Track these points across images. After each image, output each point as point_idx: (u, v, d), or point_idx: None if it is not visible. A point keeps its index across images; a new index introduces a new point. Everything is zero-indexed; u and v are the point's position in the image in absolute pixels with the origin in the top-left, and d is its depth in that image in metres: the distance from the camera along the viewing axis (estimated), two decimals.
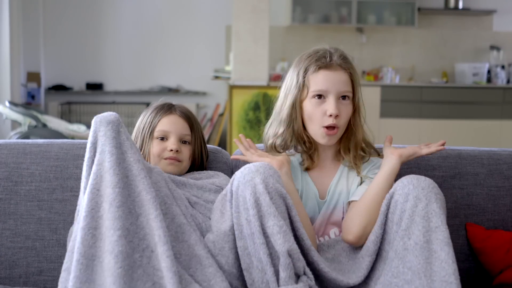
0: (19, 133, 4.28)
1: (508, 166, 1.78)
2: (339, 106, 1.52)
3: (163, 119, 1.66)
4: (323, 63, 1.54)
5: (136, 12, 6.32)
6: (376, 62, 6.60)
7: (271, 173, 1.36)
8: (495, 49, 6.60)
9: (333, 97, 1.52)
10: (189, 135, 1.67)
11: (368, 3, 6.38)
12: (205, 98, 6.43)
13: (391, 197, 1.39)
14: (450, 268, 1.26)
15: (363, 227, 1.44)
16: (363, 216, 1.45)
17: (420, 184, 1.36)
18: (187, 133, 1.66)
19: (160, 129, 1.64)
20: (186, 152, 1.65)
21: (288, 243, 1.29)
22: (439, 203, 1.33)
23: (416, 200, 1.34)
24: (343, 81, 1.53)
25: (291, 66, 1.62)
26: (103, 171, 1.34)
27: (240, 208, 1.35)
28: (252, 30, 5.07)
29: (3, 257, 1.65)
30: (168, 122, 1.65)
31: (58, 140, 1.78)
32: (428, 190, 1.34)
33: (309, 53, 1.58)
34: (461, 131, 6.06)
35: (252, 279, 1.33)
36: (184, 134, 1.66)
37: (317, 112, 1.54)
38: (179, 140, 1.65)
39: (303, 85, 1.55)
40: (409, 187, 1.36)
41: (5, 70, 5.26)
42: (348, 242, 1.47)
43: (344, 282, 1.38)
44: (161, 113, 1.67)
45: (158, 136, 1.64)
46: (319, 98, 1.53)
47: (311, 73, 1.54)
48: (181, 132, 1.65)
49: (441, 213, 1.32)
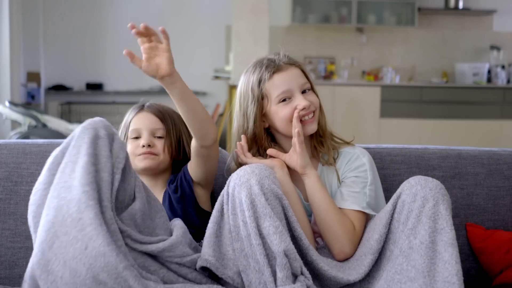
0: (19, 133, 4.28)
1: (508, 166, 1.78)
2: (306, 97, 1.55)
3: (134, 119, 1.68)
4: (274, 67, 1.55)
5: (136, 12, 6.32)
6: (376, 62, 6.60)
7: (266, 174, 1.36)
8: (495, 49, 6.60)
9: (298, 92, 1.54)
10: (161, 128, 1.66)
11: (368, 3, 6.39)
12: (205, 98, 6.43)
13: (398, 197, 1.39)
14: (453, 269, 1.27)
15: (347, 240, 1.45)
16: (337, 232, 1.45)
17: (428, 184, 1.36)
18: (158, 127, 1.66)
19: (132, 129, 1.66)
20: (160, 146, 1.65)
21: (285, 243, 1.29)
22: (445, 204, 1.34)
23: (423, 200, 1.34)
24: (298, 75, 1.56)
25: (237, 90, 1.63)
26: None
27: (236, 210, 1.35)
28: (252, 30, 5.07)
29: (3, 257, 1.65)
30: (138, 120, 1.67)
31: (58, 140, 1.77)
32: (436, 191, 1.35)
33: (253, 67, 1.59)
34: (461, 131, 6.06)
35: (249, 281, 1.33)
36: (156, 128, 1.66)
37: (288, 112, 1.54)
38: (152, 135, 1.66)
39: (262, 97, 1.56)
40: (416, 187, 1.37)
41: (5, 70, 5.27)
42: (347, 257, 1.47)
43: (344, 279, 1.38)
44: (132, 113, 1.69)
45: (132, 136, 1.66)
46: (285, 100, 1.54)
47: (267, 82, 1.55)
48: (152, 127, 1.66)
49: (447, 214, 1.33)
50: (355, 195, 1.50)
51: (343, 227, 1.45)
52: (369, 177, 1.53)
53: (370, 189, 1.52)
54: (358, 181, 1.52)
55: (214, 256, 1.36)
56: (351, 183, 1.52)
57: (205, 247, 1.38)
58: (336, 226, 1.45)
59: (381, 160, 1.72)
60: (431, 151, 1.79)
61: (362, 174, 1.53)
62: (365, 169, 1.53)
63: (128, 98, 6.33)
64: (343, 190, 1.52)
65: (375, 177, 1.55)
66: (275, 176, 1.39)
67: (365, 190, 1.51)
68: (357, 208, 1.48)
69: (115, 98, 6.35)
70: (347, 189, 1.52)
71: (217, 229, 1.40)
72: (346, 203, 1.50)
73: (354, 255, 1.46)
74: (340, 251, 1.45)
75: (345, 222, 1.46)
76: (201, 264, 1.36)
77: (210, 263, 1.35)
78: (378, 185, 1.56)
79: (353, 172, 1.54)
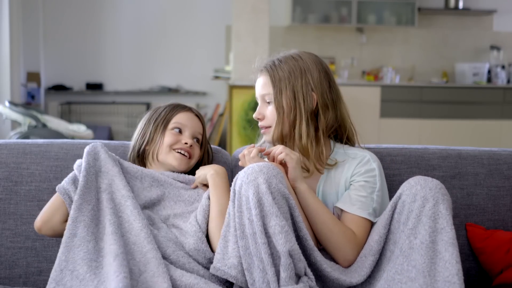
0: (19, 133, 4.28)
1: (508, 166, 1.78)
2: (263, 108, 1.60)
3: (180, 114, 1.67)
4: (257, 70, 1.64)
5: (136, 12, 6.32)
6: (376, 62, 6.60)
7: (274, 173, 1.36)
8: (495, 49, 6.60)
9: (259, 101, 1.61)
10: (201, 134, 1.69)
11: (368, 3, 6.38)
12: (205, 98, 6.43)
13: (399, 197, 1.39)
14: (453, 269, 1.27)
15: (349, 248, 1.45)
16: (338, 242, 1.45)
17: (428, 184, 1.36)
18: (201, 131, 1.69)
19: (176, 121, 1.65)
20: (197, 149, 1.66)
21: (290, 243, 1.30)
22: (446, 203, 1.34)
23: (423, 200, 1.34)
24: (261, 84, 1.60)
25: None
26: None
27: (242, 208, 1.35)
28: (252, 30, 5.07)
29: (3, 257, 1.65)
30: (185, 117, 1.67)
31: (58, 140, 1.78)
32: (436, 191, 1.35)
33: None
34: (461, 131, 6.06)
35: (253, 279, 1.33)
36: (198, 132, 1.68)
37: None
38: (193, 136, 1.66)
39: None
40: (416, 187, 1.37)
41: (5, 70, 5.26)
42: (351, 264, 1.47)
43: (347, 281, 1.39)
44: (178, 109, 1.68)
45: (174, 127, 1.64)
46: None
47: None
48: (196, 130, 1.67)
49: (447, 214, 1.33)
50: (362, 199, 1.50)
51: (344, 236, 1.45)
52: (377, 183, 1.53)
53: (377, 195, 1.52)
54: (367, 186, 1.52)
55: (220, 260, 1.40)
56: (360, 187, 1.52)
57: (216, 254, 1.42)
58: (335, 236, 1.46)
59: (381, 160, 1.72)
60: (431, 151, 1.79)
61: (371, 179, 1.53)
62: (375, 175, 1.54)
63: (128, 98, 6.33)
64: (352, 194, 1.52)
65: (383, 183, 1.56)
66: (282, 175, 1.39)
67: (372, 196, 1.51)
68: (364, 215, 1.48)
69: (115, 98, 6.35)
70: (356, 193, 1.52)
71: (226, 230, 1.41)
72: (353, 207, 1.50)
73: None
74: (344, 259, 1.46)
75: (345, 232, 1.46)
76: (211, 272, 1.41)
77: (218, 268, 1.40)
78: (385, 191, 1.57)
79: (362, 176, 1.54)
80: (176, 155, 1.62)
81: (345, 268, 1.45)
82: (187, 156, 1.63)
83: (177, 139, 1.63)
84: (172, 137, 1.63)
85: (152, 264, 1.35)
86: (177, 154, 1.62)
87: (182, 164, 1.62)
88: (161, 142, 1.63)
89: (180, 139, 1.63)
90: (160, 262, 1.36)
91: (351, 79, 6.48)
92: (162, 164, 1.63)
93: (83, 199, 1.45)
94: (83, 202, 1.45)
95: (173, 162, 1.61)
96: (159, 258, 1.37)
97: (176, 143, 1.62)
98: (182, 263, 1.43)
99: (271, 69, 1.56)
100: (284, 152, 1.49)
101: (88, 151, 1.54)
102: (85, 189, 1.47)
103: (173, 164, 1.61)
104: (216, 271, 1.38)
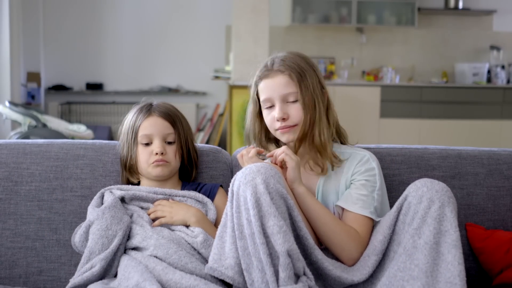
0: (19, 133, 4.28)
1: (508, 166, 1.78)
2: (285, 108, 1.54)
3: (144, 123, 1.63)
4: (263, 72, 1.58)
5: (136, 12, 6.32)
6: (376, 62, 6.60)
7: (272, 173, 1.36)
8: (495, 49, 6.60)
9: (278, 101, 1.55)
10: (172, 133, 1.65)
11: (368, 3, 6.38)
12: (205, 98, 6.43)
13: (405, 199, 1.40)
14: (455, 270, 1.27)
15: (353, 246, 1.45)
16: (342, 242, 1.45)
17: (434, 186, 1.37)
18: (169, 132, 1.65)
19: (142, 134, 1.63)
20: (172, 152, 1.64)
21: (288, 243, 1.30)
22: (451, 206, 1.35)
23: (429, 202, 1.35)
24: (283, 84, 1.54)
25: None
26: None
27: (240, 208, 1.35)
28: (252, 30, 5.07)
29: (3, 257, 1.65)
30: (149, 125, 1.63)
31: (58, 140, 1.78)
32: (442, 193, 1.36)
33: (258, 66, 1.62)
34: (461, 131, 6.06)
35: (252, 279, 1.33)
36: (167, 133, 1.64)
37: (269, 120, 1.58)
38: (163, 141, 1.64)
39: (257, 99, 1.61)
40: (423, 189, 1.37)
41: (5, 70, 5.26)
42: (355, 262, 1.47)
43: (349, 279, 1.39)
44: (141, 116, 1.65)
45: (142, 142, 1.63)
46: (269, 107, 1.57)
47: (259, 84, 1.59)
48: (163, 133, 1.64)
49: (452, 216, 1.34)
50: (364, 198, 1.51)
51: (347, 235, 1.46)
52: (378, 182, 1.54)
53: (377, 194, 1.53)
54: (367, 185, 1.53)
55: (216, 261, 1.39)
56: (361, 186, 1.53)
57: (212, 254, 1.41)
58: (338, 236, 1.46)
59: (381, 160, 1.72)
60: (431, 151, 1.79)
61: (371, 178, 1.54)
62: (375, 174, 1.55)
63: (128, 98, 6.33)
64: (353, 192, 1.52)
65: (382, 183, 1.56)
66: (280, 176, 1.39)
67: (373, 195, 1.52)
68: (366, 213, 1.49)
69: (115, 98, 6.35)
70: (357, 192, 1.52)
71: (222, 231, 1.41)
72: (355, 206, 1.50)
73: None
74: (349, 258, 1.46)
75: (348, 231, 1.47)
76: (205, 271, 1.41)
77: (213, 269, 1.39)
78: (384, 190, 1.57)
79: (362, 175, 1.54)
80: (153, 166, 1.62)
81: (350, 266, 1.46)
82: (163, 163, 1.62)
83: (149, 152, 1.62)
84: (143, 153, 1.63)
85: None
86: (153, 165, 1.62)
87: (164, 172, 1.63)
88: (138, 160, 1.64)
89: (151, 151, 1.62)
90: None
91: (351, 79, 6.48)
92: (150, 177, 1.65)
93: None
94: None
95: (155, 173, 1.63)
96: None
97: (149, 157, 1.62)
98: (184, 263, 1.44)
99: (291, 68, 1.55)
100: (285, 153, 1.49)
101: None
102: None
103: (156, 175, 1.62)
104: (213, 272, 1.38)
